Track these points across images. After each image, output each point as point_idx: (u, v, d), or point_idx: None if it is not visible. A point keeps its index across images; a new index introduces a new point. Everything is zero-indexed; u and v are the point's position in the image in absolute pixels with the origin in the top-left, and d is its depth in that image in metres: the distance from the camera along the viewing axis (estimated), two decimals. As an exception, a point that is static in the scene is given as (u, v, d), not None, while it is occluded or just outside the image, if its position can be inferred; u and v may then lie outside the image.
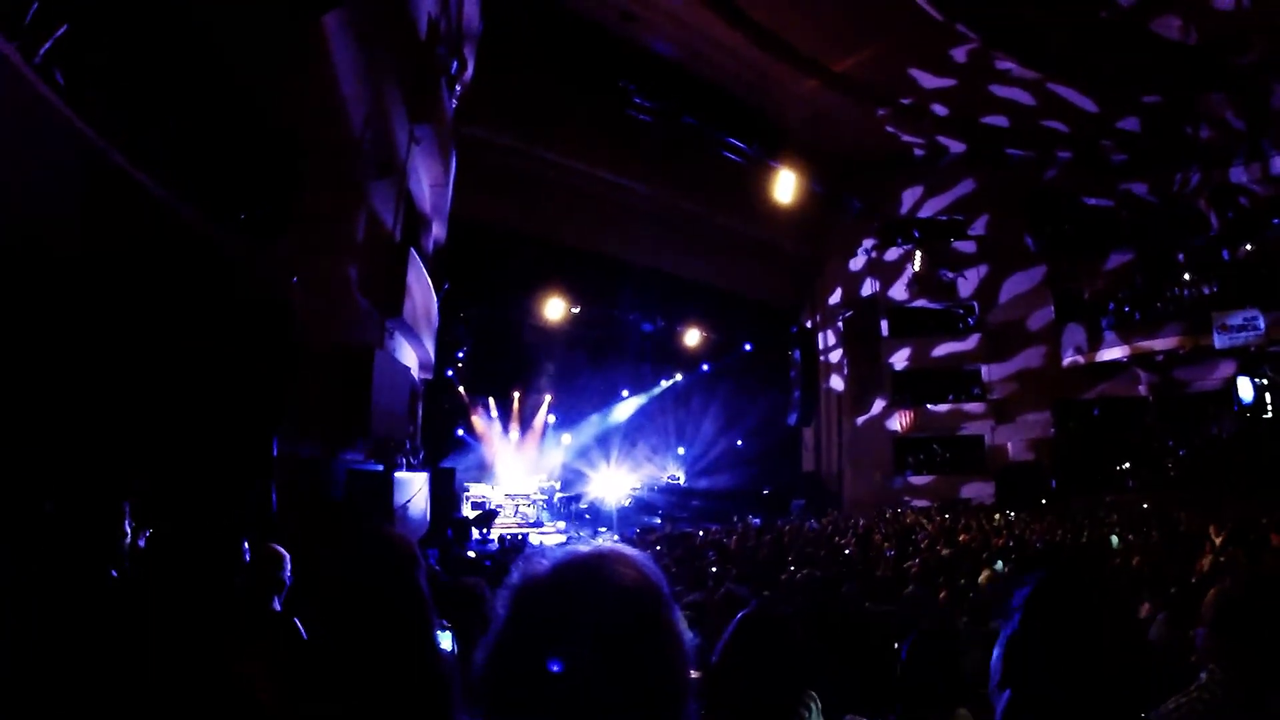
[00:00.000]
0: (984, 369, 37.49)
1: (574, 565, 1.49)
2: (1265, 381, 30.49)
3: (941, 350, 38.49)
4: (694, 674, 1.51)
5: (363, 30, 14.48)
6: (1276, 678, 2.64)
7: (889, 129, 36.08)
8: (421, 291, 18.73)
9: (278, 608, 4.83)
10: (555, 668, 1.37)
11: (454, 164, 22.48)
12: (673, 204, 34.66)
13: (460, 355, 34.74)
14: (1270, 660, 2.66)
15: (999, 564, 10.98)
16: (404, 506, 15.25)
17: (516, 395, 38.94)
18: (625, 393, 41.14)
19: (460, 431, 36.42)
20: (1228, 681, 2.75)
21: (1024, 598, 2.07)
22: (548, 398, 39.17)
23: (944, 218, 38.91)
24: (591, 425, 40.22)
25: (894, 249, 39.06)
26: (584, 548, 1.54)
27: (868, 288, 39.81)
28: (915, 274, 37.94)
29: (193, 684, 2.74)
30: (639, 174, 32.98)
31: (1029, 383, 36.44)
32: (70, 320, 6.36)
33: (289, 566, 5.12)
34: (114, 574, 3.75)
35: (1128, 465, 33.00)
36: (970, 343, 37.99)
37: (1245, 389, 30.61)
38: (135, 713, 2.65)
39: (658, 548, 17.69)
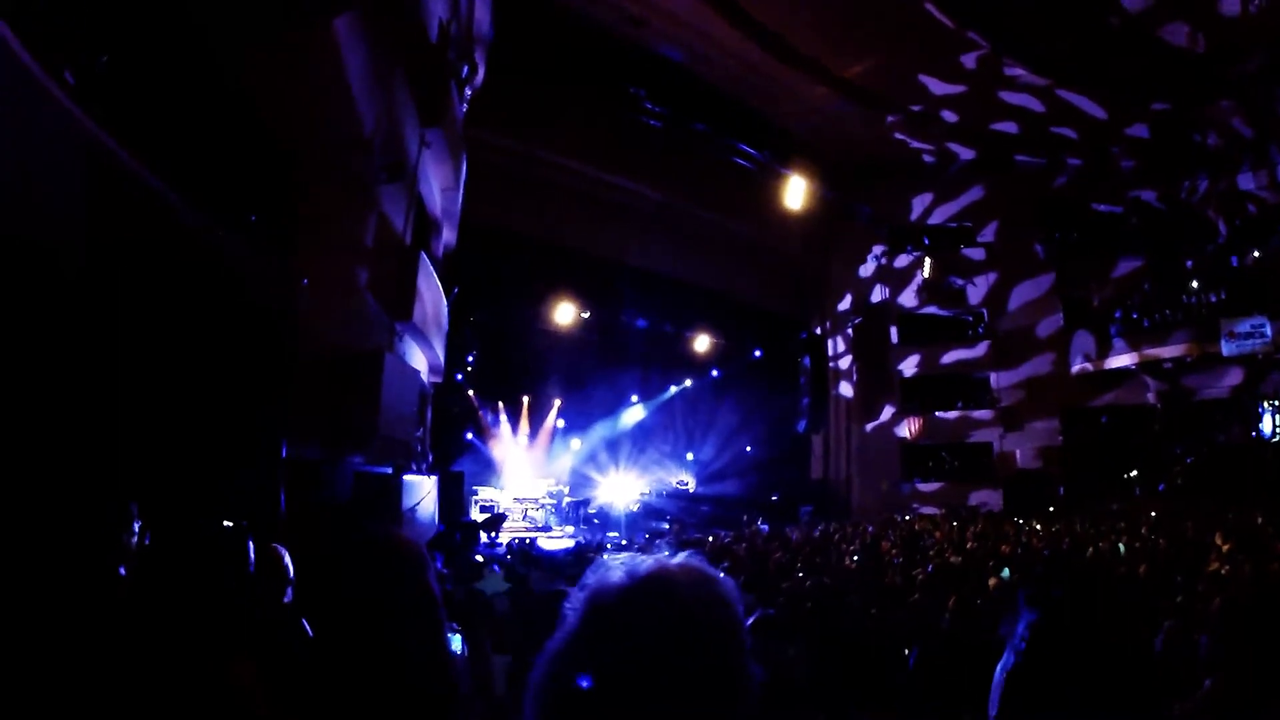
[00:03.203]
0: (993, 376, 37.46)
1: (650, 578, 1.49)
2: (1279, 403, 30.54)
3: (950, 357, 38.46)
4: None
5: (373, 34, 14.52)
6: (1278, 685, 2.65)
7: (898, 135, 36.10)
8: (431, 295, 18.75)
9: (283, 608, 4.85)
10: (621, 679, 1.38)
11: (464, 168, 22.48)
12: (683, 209, 34.67)
13: (470, 359, 34.72)
14: (1274, 667, 2.66)
15: (1005, 571, 10.97)
16: (412, 509, 15.28)
17: (526, 399, 38.96)
18: (634, 398, 41.13)
19: (469, 435, 36.41)
20: (1232, 689, 2.76)
21: (1025, 631, 2.06)
22: (557, 402, 39.17)
23: (953, 224, 38.89)
24: (600, 430, 40.20)
25: (903, 256, 38.99)
26: (670, 560, 1.54)
27: (877, 294, 39.77)
28: (925, 281, 37.93)
29: (196, 683, 2.76)
30: (649, 179, 33.00)
31: (1037, 390, 36.37)
32: (78, 321, 6.38)
33: (291, 566, 5.14)
34: (122, 573, 3.77)
35: (1135, 473, 32.92)
36: (979, 350, 37.97)
37: (1268, 424, 30.66)
38: (139, 712, 2.67)
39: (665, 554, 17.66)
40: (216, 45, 9.20)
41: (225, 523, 5.03)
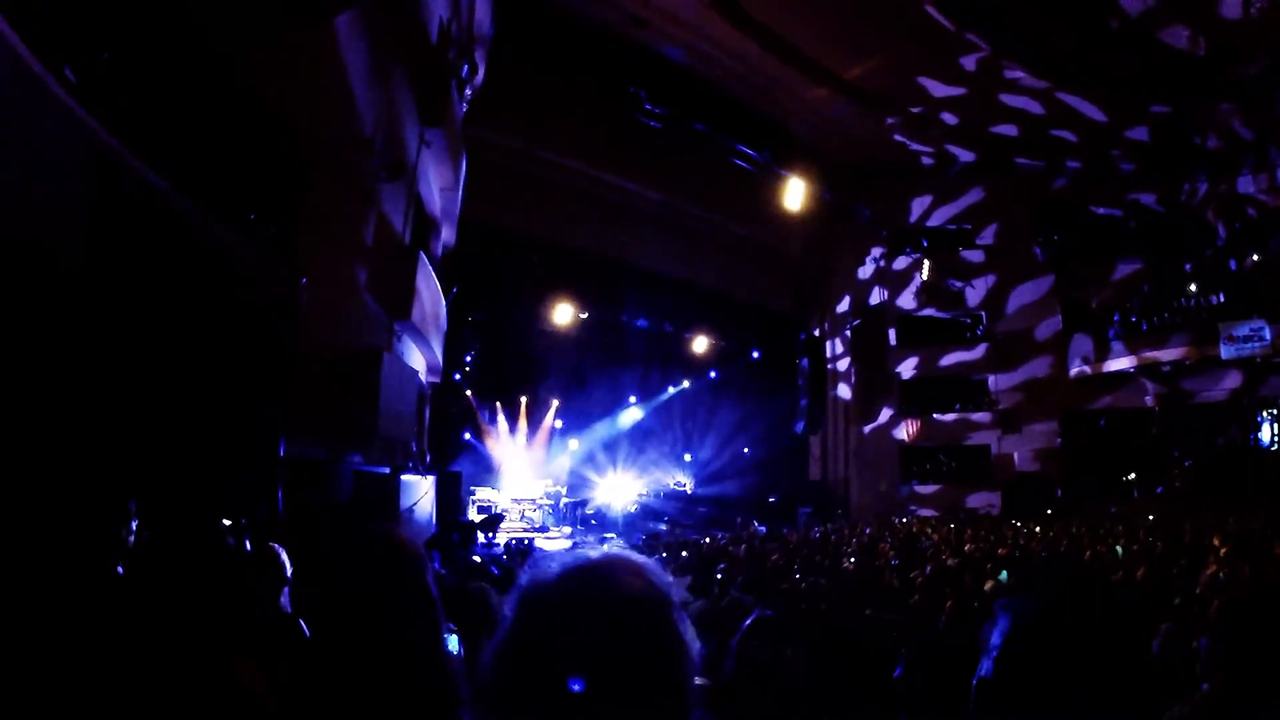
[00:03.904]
0: (991, 379, 37.46)
1: (581, 571, 1.50)
2: (1277, 411, 30.61)
3: (949, 359, 38.49)
4: (700, 681, 1.52)
5: (373, 33, 14.54)
6: (1278, 688, 2.65)
7: (898, 137, 36.12)
8: (430, 295, 18.75)
9: (281, 608, 4.85)
10: (560, 673, 1.38)
11: (464, 167, 22.49)
12: (682, 210, 34.68)
13: (468, 359, 34.75)
14: (1273, 670, 2.66)
15: (1003, 574, 10.97)
16: (410, 509, 15.27)
17: (524, 400, 38.91)
18: (633, 398, 41.07)
19: (467, 435, 36.39)
20: (1230, 691, 2.76)
21: (999, 639, 2.06)
22: (555, 402, 39.13)
23: (952, 226, 38.89)
24: (598, 430, 40.18)
25: (902, 258, 39.03)
26: (592, 553, 1.55)
27: (876, 296, 39.79)
28: (923, 283, 37.91)
29: (193, 682, 2.75)
30: (648, 179, 32.99)
31: (1036, 393, 36.38)
32: (78, 320, 6.38)
33: (288, 565, 5.14)
34: (119, 571, 3.77)
35: (1134, 476, 32.93)
36: (978, 352, 37.99)
37: (1267, 433, 30.75)
38: (138, 712, 2.66)
39: (663, 555, 17.64)
40: (217, 44, 9.20)
41: (224, 522, 5.05)
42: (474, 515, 26.58)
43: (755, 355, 41.23)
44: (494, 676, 1.47)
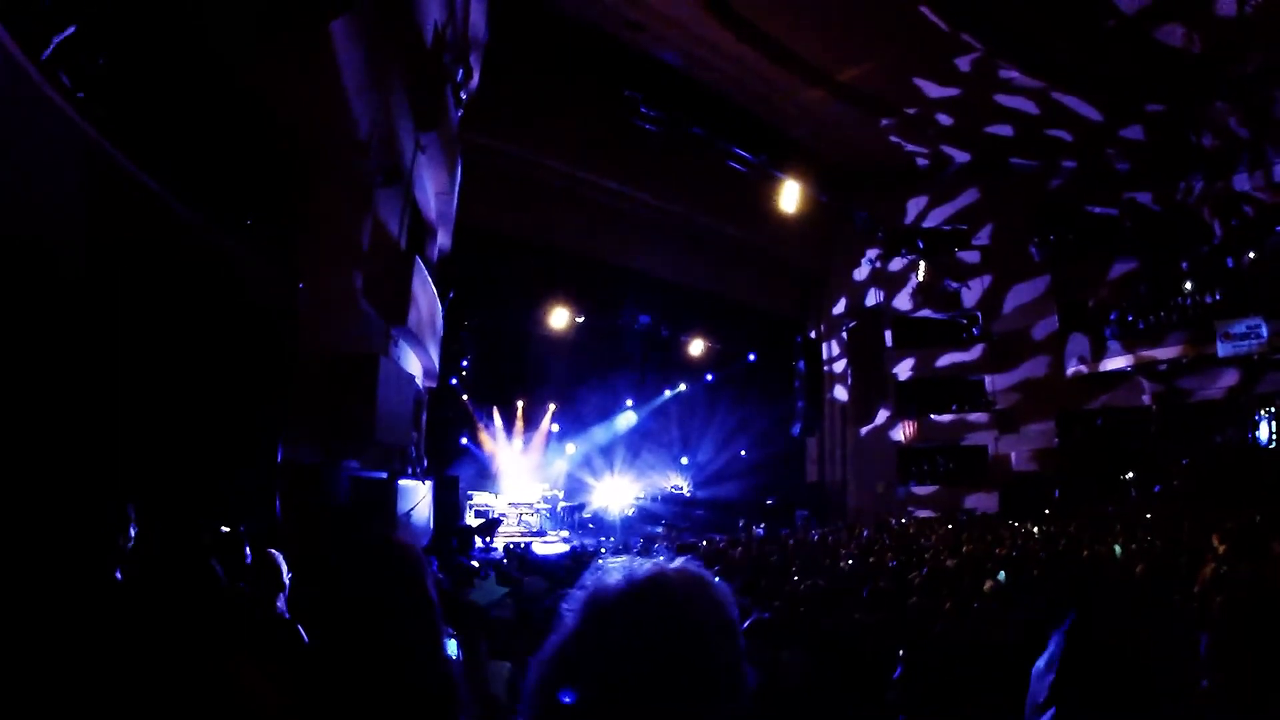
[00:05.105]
0: (988, 379, 37.42)
1: (646, 584, 1.51)
2: (1275, 409, 30.57)
3: (945, 360, 38.47)
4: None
5: (369, 37, 14.54)
6: (1278, 686, 2.65)
7: (893, 139, 36.09)
8: (426, 299, 18.75)
9: (279, 612, 4.84)
10: (618, 679, 1.39)
11: (459, 172, 22.51)
12: (678, 213, 34.59)
13: (465, 364, 34.71)
14: (1272, 669, 2.66)
15: (1001, 574, 10.95)
16: (407, 514, 15.25)
17: (520, 404, 38.88)
18: (629, 402, 41.01)
19: (464, 440, 36.36)
20: (1230, 689, 2.76)
21: (1061, 636, 2.09)
22: (551, 406, 39.06)
23: (948, 227, 38.87)
24: (595, 434, 40.13)
25: (898, 259, 39.01)
26: (667, 565, 1.56)
27: (872, 298, 39.79)
28: (919, 284, 37.91)
29: (193, 685, 2.75)
30: (645, 183, 32.90)
31: (1033, 393, 36.33)
32: (77, 322, 6.37)
33: (286, 571, 5.14)
34: (118, 576, 3.76)
35: (1131, 475, 32.89)
36: (974, 353, 37.95)
37: (1264, 431, 30.74)
38: (136, 715, 2.66)
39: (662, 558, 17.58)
40: (214, 47, 9.20)
41: (223, 528, 5.04)
42: (471, 520, 26.58)
43: (751, 358, 41.14)
44: (549, 680, 1.47)
